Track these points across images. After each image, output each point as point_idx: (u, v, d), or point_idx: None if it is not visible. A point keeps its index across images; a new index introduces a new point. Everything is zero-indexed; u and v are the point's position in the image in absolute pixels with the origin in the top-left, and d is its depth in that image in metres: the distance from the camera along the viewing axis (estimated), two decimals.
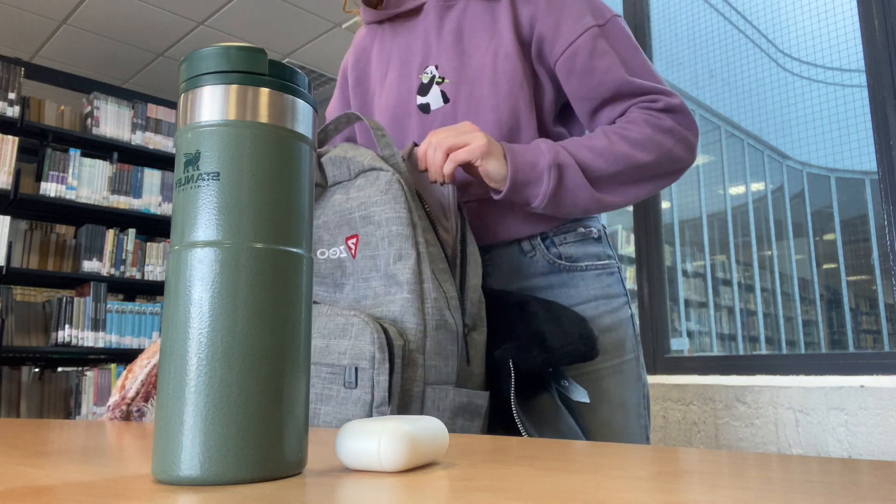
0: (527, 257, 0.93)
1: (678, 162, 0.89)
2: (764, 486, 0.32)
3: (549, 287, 0.92)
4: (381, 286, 0.74)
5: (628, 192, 0.88)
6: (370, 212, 0.75)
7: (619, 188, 0.87)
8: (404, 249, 0.72)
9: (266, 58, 0.39)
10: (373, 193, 0.75)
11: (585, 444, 0.50)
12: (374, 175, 0.77)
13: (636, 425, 0.91)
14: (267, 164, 0.38)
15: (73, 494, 0.31)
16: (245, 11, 3.78)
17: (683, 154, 0.89)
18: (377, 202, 0.75)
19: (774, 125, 2.68)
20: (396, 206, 0.74)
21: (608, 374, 0.90)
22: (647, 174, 0.87)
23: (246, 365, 0.35)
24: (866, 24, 2.05)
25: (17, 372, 3.20)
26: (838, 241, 2.57)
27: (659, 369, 2.41)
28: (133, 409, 0.80)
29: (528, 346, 0.77)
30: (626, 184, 0.87)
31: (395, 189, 0.74)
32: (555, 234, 0.93)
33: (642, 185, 0.88)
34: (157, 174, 3.67)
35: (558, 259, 0.92)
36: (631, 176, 0.86)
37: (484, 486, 0.33)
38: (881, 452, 1.82)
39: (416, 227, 0.74)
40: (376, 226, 0.74)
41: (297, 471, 0.37)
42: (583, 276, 0.93)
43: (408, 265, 0.72)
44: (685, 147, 0.89)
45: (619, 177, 0.86)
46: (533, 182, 0.83)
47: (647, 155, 0.86)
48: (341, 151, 0.81)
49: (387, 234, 0.73)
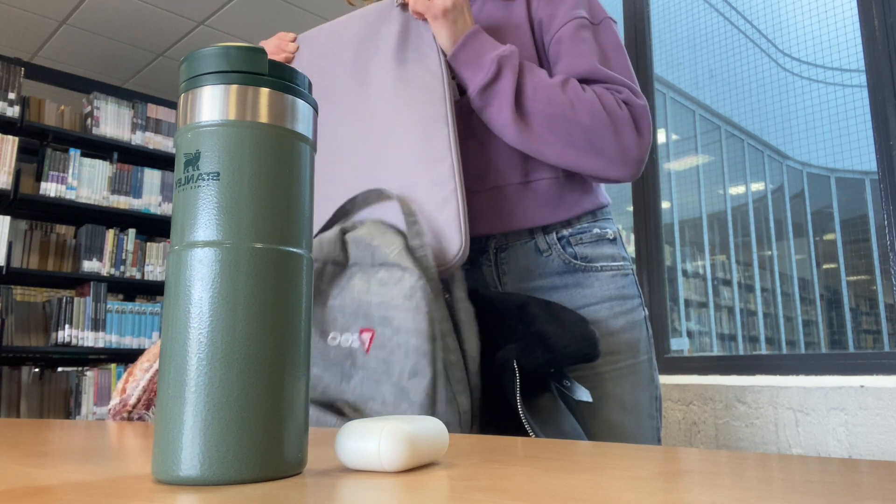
0: (543, 256, 0.94)
1: (611, 146, 0.86)
2: (764, 486, 0.32)
3: (564, 287, 0.93)
4: (391, 395, 0.70)
5: (552, 141, 0.86)
6: (390, 314, 0.71)
7: (546, 132, 0.86)
8: (420, 366, 0.69)
9: (266, 58, 0.39)
10: (395, 296, 0.72)
11: (586, 444, 0.50)
12: (398, 274, 0.73)
13: (648, 426, 0.91)
14: (267, 164, 0.38)
15: (73, 494, 0.31)
16: (245, 11, 3.78)
17: (623, 143, 0.86)
18: (398, 307, 0.71)
19: (774, 125, 2.68)
20: (418, 318, 0.70)
21: (622, 374, 0.91)
22: (578, 137, 0.85)
23: (246, 365, 0.35)
24: (866, 24, 2.05)
25: (17, 372, 3.20)
26: (838, 241, 2.57)
27: (659, 369, 2.40)
28: (134, 417, 0.80)
29: (531, 346, 0.77)
30: (554, 130, 0.86)
31: (418, 297, 0.71)
32: (571, 234, 0.94)
33: (569, 146, 0.86)
34: (157, 174, 3.67)
35: (574, 259, 0.93)
36: (561, 126, 0.85)
37: (484, 486, 0.33)
38: (881, 452, 1.82)
39: (436, 340, 0.70)
40: (394, 331, 0.71)
41: (297, 471, 0.37)
42: (598, 276, 0.93)
43: (422, 385, 0.69)
44: (627, 139, 0.86)
45: (551, 121, 0.85)
46: (473, 68, 0.87)
47: (586, 118, 0.85)
48: (367, 235, 0.78)
49: (404, 343, 0.70)
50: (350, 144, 0.92)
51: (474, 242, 0.95)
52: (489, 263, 0.96)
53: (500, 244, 0.96)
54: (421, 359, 0.69)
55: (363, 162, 0.90)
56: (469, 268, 0.96)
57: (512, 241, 0.95)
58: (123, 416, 0.80)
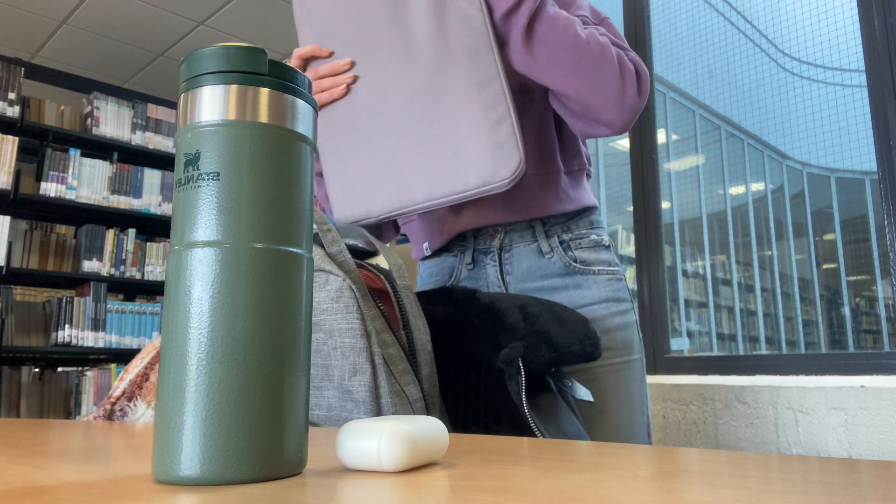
0: (545, 258, 1.00)
1: (614, 87, 0.89)
2: (764, 486, 0.32)
3: (564, 287, 0.99)
4: (335, 398, 0.71)
5: (556, 67, 0.89)
6: (320, 319, 0.72)
7: (556, 53, 0.88)
8: (359, 364, 0.70)
9: (266, 58, 0.39)
10: (322, 299, 0.72)
11: (586, 444, 0.50)
12: (323, 278, 0.73)
13: (640, 421, 0.99)
14: (267, 164, 0.38)
15: (73, 494, 0.31)
16: (245, 11, 3.79)
17: (625, 89, 0.89)
18: (327, 310, 0.72)
19: (774, 125, 2.68)
20: (349, 317, 0.71)
21: (617, 369, 0.97)
22: (583, 67, 0.88)
23: (246, 365, 0.35)
24: (866, 24, 2.05)
25: (17, 372, 3.20)
26: (838, 241, 2.57)
27: (659, 369, 2.41)
28: (116, 409, 0.80)
29: (535, 345, 0.77)
30: (561, 56, 0.88)
31: (346, 297, 0.71)
32: (571, 238, 1.00)
33: (572, 73, 0.89)
34: (157, 174, 3.67)
35: (574, 262, 0.99)
36: (570, 55, 0.88)
37: (484, 486, 0.33)
38: (881, 452, 1.82)
39: (371, 335, 0.71)
40: (328, 335, 0.71)
41: (297, 471, 0.37)
42: (595, 279, 0.99)
43: (363, 382, 0.69)
44: (629, 88, 0.90)
45: (563, 46, 0.88)
46: None
47: (596, 51, 0.88)
48: None
49: (339, 345, 0.71)
50: (396, 85, 0.93)
51: (479, 243, 1.02)
52: (494, 263, 1.01)
53: (504, 245, 1.01)
54: (358, 356, 0.70)
55: (411, 100, 0.91)
56: (472, 268, 1.03)
57: (516, 243, 1.01)
58: (106, 409, 0.80)
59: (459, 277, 1.04)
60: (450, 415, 0.84)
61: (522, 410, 0.73)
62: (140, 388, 0.80)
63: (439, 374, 0.83)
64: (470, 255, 1.03)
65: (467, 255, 1.03)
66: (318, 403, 0.72)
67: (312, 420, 0.72)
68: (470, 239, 1.03)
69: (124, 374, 0.83)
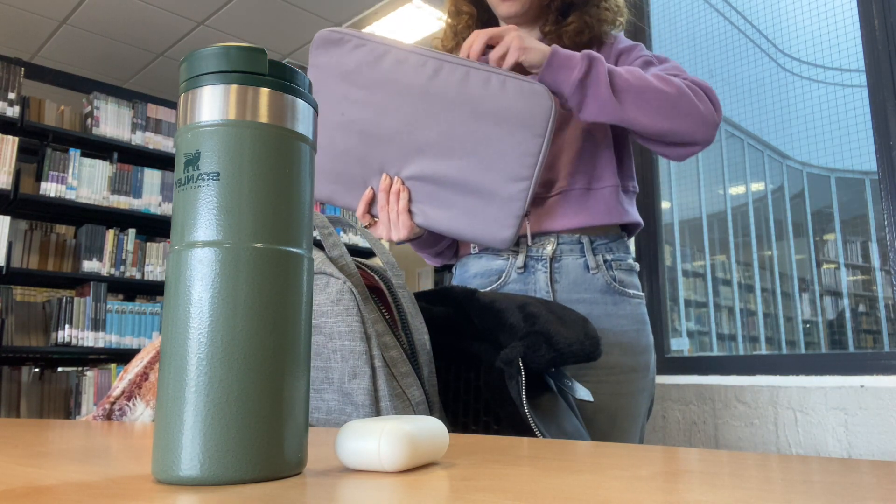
0: (590, 273, 1.07)
1: (695, 110, 0.99)
2: (764, 486, 0.32)
3: (603, 303, 1.07)
4: (335, 401, 0.71)
5: (646, 110, 0.98)
6: (320, 322, 0.72)
7: (640, 102, 0.98)
8: (358, 367, 0.70)
9: (266, 58, 0.39)
10: (323, 302, 0.72)
11: (586, 444, 0.50)
12: (323, 280, 0.74)
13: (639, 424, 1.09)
14: (267, 164, 0.38)
15: (73, 494, 0.31)
16: (245, 11, 3.78)
17: (704, 108, 1.00)
18: (327, 313, 0.72)
19: (774, 125, 2.68)
20: (349, 319, 0.71)
21: (641, 389, 1.07)
22: (666, 104, 0.98)
23: (246, 365, 0.35)
24: (866, 24, 2.05)
25: (17, 372, 3.20)
26: (838, 241, 2.57)
27: (659, 369, 2.40)
28: (115, 408, 0.80)
29: (535, 345, 0.77)
30: (646, 101, 0.98)
31: (346, 299, 0.71)
32: (613, 259, 1.09)
33: (660, 113, 0.98)
34: (157, 174, 3.67)
35: (614, 281, 1.07)
36: (651, 97, 0.98)
37: (484, 486, 0.33)
38: (881, 452, 1.82)
39: (371, 339, 0.71)
40: (327, 337, 0.71)
41: (297, 471, 0.37)
42: (629, 301, 1.08)
43: (362, 385, 0.70)
44: (706, 106, 1.00)
45: (642, 93, 0.97)
46: (568, 67, 0.97)
47: (668, 88, 0.98)
48: None
49: (339, 347, 0.71)
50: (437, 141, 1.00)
51: (532, 249, 1.08)
52: (545, 271, 1.06)
53: (556, 255, 1.07)
54: (358, 359, 0.70)
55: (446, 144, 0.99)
56: (523, 272, 1.08)
57: (566, 255, 1.07)
58: (105, 409, 0.80)
59: (508, 280, 1.08)
60: (450, 415, 0.84)
61: (522, 410, 0.73)
62: (139, 388, 0.80)
63: (439, 374, 0.83)
64: (523, 259, 1.07)
65: (519, 259, 1.07)
66: (318, 406, 0.72)
67: (312, 423, 0.72)
68: (524, 244, 1.07)
69: (124, 374, 0.83)
